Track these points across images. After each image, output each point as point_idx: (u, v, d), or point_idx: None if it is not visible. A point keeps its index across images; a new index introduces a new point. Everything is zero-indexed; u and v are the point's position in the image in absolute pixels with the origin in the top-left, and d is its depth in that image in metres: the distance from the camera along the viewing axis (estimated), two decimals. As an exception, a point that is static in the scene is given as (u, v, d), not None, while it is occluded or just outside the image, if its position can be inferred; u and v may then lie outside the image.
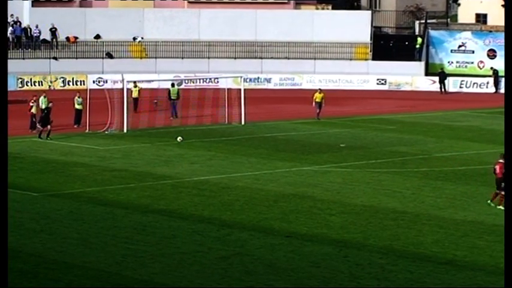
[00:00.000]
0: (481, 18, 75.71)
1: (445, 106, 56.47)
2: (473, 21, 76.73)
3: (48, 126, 40.31)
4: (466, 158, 37.94)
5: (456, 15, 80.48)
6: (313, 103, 46.95)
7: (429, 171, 34.02)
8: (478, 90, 62.46)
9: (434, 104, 57.71)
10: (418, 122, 50.19)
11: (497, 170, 24.61)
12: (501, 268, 18.03)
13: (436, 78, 61.37)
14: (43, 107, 43.24)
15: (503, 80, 58.37)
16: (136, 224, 23.41)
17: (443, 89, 61.17)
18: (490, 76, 62.30)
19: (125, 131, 42.08)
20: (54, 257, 19.10)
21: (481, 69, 63.57)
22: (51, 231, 22.41)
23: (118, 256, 19.36)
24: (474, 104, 57.20)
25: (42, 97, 44.00)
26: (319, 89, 49.15)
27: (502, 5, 68.11)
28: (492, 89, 61.54)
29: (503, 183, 24.32)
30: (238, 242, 21.40)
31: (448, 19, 75.76)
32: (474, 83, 62.35)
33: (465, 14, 78.06)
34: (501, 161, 24.88)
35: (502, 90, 55.05)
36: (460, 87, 62.47)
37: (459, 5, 79.09)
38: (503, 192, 24.10)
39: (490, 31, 68.44)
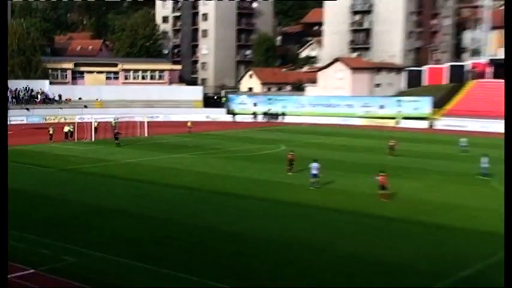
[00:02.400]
0: (251, 90, 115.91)
1: (234, 127, 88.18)
2: (246, 89, 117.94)
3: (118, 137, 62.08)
4: (250, 150, 62.05)
5: (239, 87, 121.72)
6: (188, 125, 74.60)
7: (228, 156, 56.23)
8: (251, 120, 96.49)
9: (230, 126, 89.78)
10: (222, 135, 76.78)
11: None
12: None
13: (230, 116, 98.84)
14: (113, 125, 72.27)
15: (260, 116, 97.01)
16: (97, 180, 41.81)
17: (233, 119, 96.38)
18: (253, 114, 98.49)
19: (93, 140, 65.41)
20: (63, 197, 35.24)
21: (252, 110, 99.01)
22: (61, 185, 40.07)
23: (90, 191, 37.68)
24: (246, 126, 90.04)
25: (113, 120, 74.31)
26: (190, 121, 76.58)
27: (262, 84, 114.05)
28: (258, 119, 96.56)
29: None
30: (137, 184, 41.87)
31: (237, 89, 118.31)
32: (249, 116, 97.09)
33: (244, 87, 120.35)
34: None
35: (250, 119, 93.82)
36: (243, 118, 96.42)
37: (240, 83, 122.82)
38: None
39: (256, 94, 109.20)
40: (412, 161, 53.91)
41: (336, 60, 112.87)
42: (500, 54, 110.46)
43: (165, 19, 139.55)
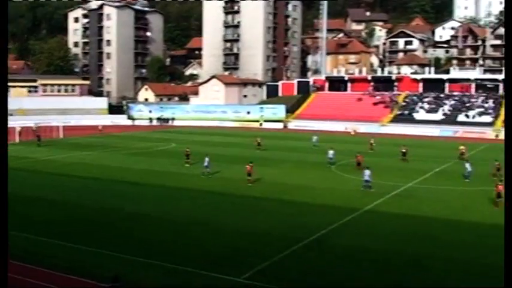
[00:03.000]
0: (147, 100, 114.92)
1: (134, 129, 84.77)
2: (143, 100, 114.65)
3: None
4: (147, 147, 65.06)
5: (137, 98, 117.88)
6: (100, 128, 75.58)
7: (128, 152, 57.14)
8: (147, 124, 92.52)
9: (130, 128, 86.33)
10: (123, 136, 75.31)
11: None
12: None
13: (131, 121, 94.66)
14: None
15: (154, 121, 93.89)
16: (21, 174, 39.34)
17: (133, 123, 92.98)
18: (149, 119, 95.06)
19: (17, 141, 61.60)
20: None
21: (148, 116, 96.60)
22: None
23: (15, 183, 44.88)
24: (144, 128, 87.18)
25: (33, 125, 72.61)
26: (101, 125, 78.61)
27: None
28: (153, 123, 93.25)
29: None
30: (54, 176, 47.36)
31: (135, 99, 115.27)
32: (145, 121, 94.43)
33: (141, 97, 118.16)
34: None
35: (146, 123, 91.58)
36: (141, 122, 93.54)
37: (138, 95, 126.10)
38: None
39: (151, 104, 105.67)
40: (273, 153, 54.59)
41: (212, 77, 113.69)
42: (334, 73, 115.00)
43: (76, 44, 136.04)
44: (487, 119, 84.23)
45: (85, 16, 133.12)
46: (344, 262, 20.65)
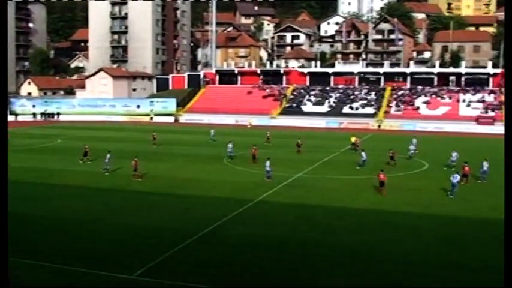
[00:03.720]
0: (30, 94, 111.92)
1: (17, 125, 77.34)
2: (26, 94, 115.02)
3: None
4: (32, 144, 61.16)
5: (19, 92, 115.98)
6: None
7: (12, 150, 52.56)
8: (31, 119, 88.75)
9: (13, 125, 73.98)
10: None
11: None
12: None
13: (13, 116, 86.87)
14: None
15: (38, 116, 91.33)
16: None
17: (16, 119, 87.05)
18: (33, 114, 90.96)
19: None
20: None
21: (31, 111, 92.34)
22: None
23: None
24: (28, 124, 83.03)
25: None
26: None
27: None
28: (37, 118, 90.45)
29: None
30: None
31: (17, 94, 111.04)
32: (29, 116, 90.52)
33: (24, 92, 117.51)
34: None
35: (30, 119, 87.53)
36: (24, 118, 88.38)
37: (20, 89, 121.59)
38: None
39: (35, 98, 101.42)
40: (166, 148, 54.10)
41: (100, 70, 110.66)
42: (224, 66, 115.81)
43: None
44: (370, 110, 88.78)
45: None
46: (238, 253, 20.96)
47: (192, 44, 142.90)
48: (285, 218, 26.43)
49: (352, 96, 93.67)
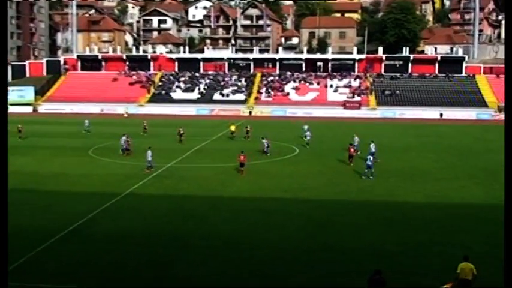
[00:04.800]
0: None
1: None
2: None
3: None
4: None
5: None
6: None
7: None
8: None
9: None
10: None
11: None
12: None
13: None
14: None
15: None
16: None
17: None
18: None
19: None
20: None
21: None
22: None
23: None
24: None
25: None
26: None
27: None
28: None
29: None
30: None
31: None
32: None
33: None
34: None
35: None
36: None
37: None
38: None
39: None
40: (25, 140, 51.20)
41: None
42: (86, 52, 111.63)
43: None
44: (241, 96, 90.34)
45: None
46: (107, 250, 20.42)
47: (50, 28, 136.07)
48: (157, 210, 26.19)
49: (222, 83, 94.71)
